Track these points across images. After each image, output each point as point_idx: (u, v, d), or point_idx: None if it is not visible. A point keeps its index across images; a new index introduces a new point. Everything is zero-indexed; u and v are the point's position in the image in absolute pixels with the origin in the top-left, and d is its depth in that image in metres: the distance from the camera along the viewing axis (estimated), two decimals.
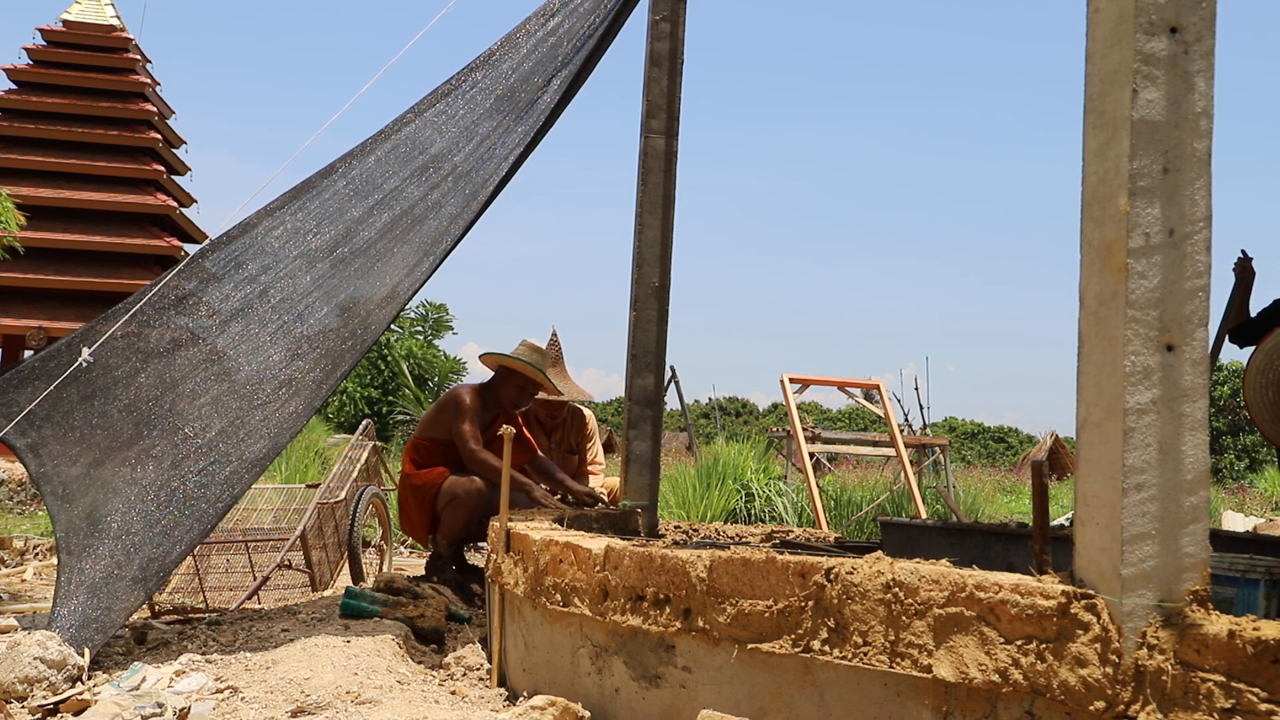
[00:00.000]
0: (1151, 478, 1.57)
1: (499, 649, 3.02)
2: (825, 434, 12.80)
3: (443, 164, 4.11)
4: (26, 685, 2.82)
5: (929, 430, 14.35)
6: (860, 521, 8.89)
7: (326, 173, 3.95)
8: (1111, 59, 1.66)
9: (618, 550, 2.42)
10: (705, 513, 8.86)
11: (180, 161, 22.43)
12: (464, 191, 4.11)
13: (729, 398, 46.37)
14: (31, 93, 21.02)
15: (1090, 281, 1.68)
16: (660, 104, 4.36)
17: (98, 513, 3.44)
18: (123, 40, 21.53)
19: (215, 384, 3.62)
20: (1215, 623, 1.50)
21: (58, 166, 20.41)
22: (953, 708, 1.78)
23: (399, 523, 5.05)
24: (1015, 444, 40.59)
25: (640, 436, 4.27)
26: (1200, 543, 1.57)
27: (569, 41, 4.32)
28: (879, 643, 1.87)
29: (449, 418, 4.59)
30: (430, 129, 4.19)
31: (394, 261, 4.08)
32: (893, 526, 4.39)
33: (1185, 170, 1.61)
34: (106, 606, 3.27)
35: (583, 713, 2.42)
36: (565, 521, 3.45)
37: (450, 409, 4.59)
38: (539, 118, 4.27)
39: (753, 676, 2.08)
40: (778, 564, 2.05)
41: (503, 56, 4.34)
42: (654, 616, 2.28)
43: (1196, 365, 1.60)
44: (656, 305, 4.33)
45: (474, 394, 4.63)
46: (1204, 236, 1.61)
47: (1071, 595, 1.63)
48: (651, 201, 4.33)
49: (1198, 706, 1.49)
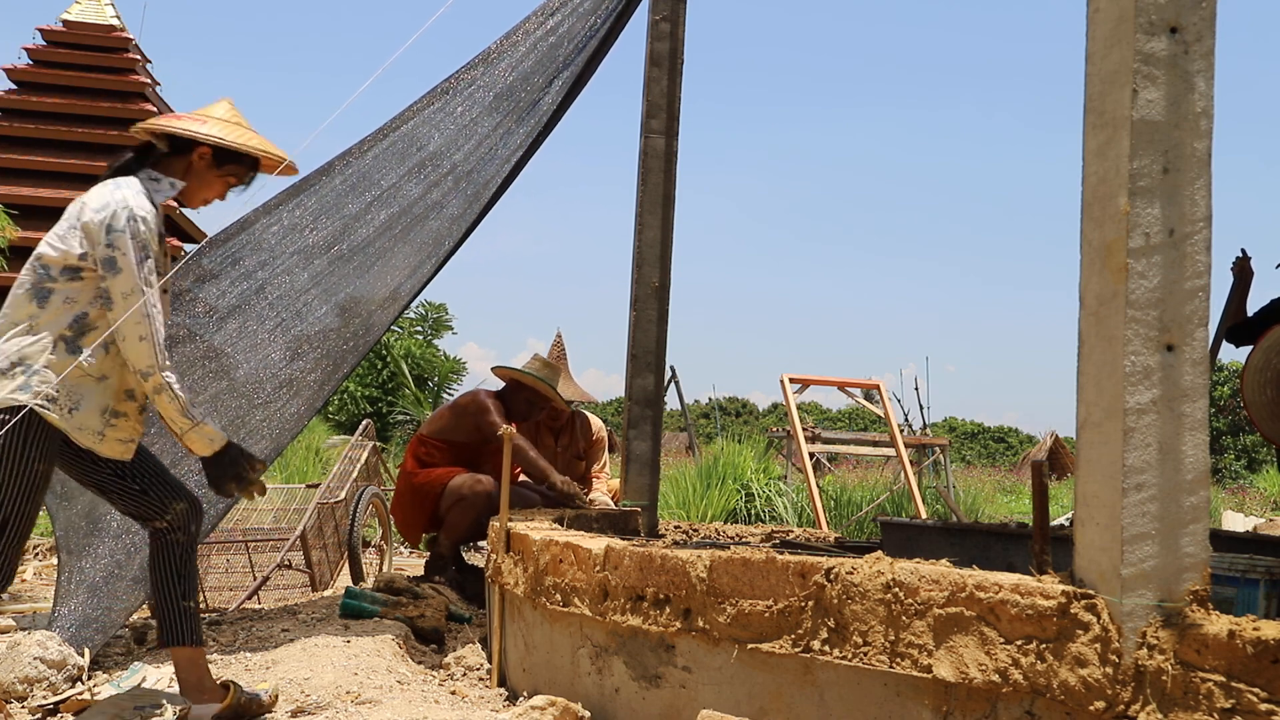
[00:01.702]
0: (1151, 478, 1.57)
1: (499, 649, 3.02)
2: (825, 434, 12.80)
3: (441, 162, 4.11)
4: (26, 685, 2.83)
5: (929, 430, 14.35)
6: (860, 521, 8.89)
7: (324, 170, 3.94)
8: (1111, 59, 1.66)
9: (618, 550, 2.42)
10: (705, 513, 8.86)
11: None
12: (465, 192, 4.11)
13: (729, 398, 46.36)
14: (31, 93, 21.02)
15: (1090, 281, 1.68)
16: (660, 104, 4.36)
17: (97, 511, 3.43)
18: (122, 40, 21.53)
19: (214, 381, 3.61)
20: (1215, 623, 1.50)
21: (58, 166, 20.41)
22: (953, 708, 1.78)
23: (393, 520, 5.06)
24: (1015, 444, 40.58)
25: (640, 436, 4.27)
26: (1200, 543, 1.57)
27: (569, 41, 4.31)
28: (879, 643, 1.87)
29: (472, 420, 4.61)
30: (428, 126, 4.19)
31: (395, 261, 4.07)
32: (893, 526, 4.39)
33: (1185, 170, 1.61)
34: (106, 606, 3.27)
35: (583, 713, 2.42)
36: (565, 521, 3.45)
37: (474, 411, 4.61)
38: (541, 119, 4.27)
39: (753, 676, 2.09)
40: (778, 564, 2.05)
41: (501, 55, 4.33)
42: (654, 616, 2.29)
43: (1196, 365, 1.60)
44: (656, 305, 4.33)
45: (494, 398, 4.68)
46: (1204, 236, 1.61)
47: (1071, 595, 1.63)
48: (651, 201, 4.33)
49: (1198, 706, 1.49)
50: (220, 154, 2.77)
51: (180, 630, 2.64)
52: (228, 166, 2.79)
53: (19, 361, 2.46)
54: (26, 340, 2.49)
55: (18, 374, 2.44)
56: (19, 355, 2.47)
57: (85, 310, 2.53)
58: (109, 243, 2.51)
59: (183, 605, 2.66)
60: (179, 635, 2.64)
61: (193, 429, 2.56)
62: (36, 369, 2.46)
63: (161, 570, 2.68)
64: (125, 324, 2.47)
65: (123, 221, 2.53)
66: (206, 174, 2.78)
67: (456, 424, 4.68)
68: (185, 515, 2.72)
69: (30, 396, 2.42)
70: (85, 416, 2.50)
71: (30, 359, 2.46)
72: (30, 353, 2.47)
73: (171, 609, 2.65)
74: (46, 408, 2.43)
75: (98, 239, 2.52)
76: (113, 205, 2.55)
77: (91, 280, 2.54)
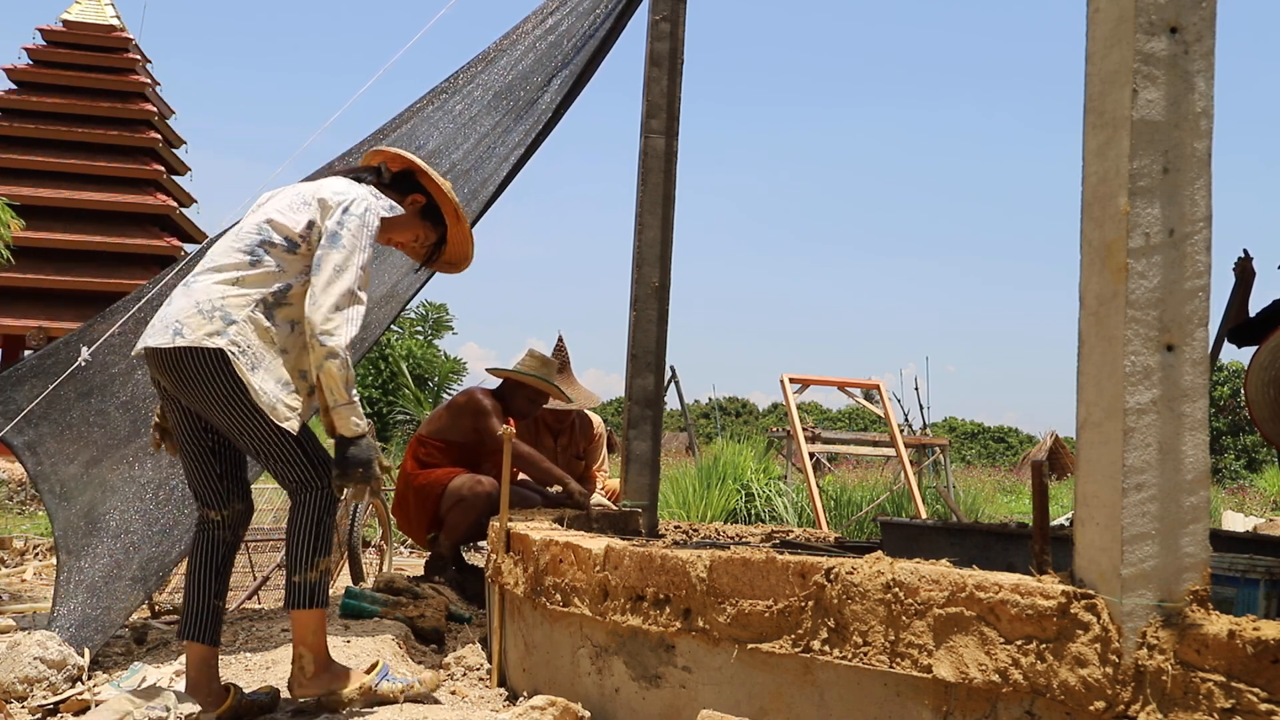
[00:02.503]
0: (1151, 478, 1.57)
1: (499, 649, 3.02)
2: (825, 434, 12.80)
3: (440, 160, 4.11)
4: (26, 685, 2.83)
5: (929, 430, 14.35)
6: (860, 521, 8.89)
7: (323, 171, 3.95)
8: (1111, 59, 1.66)
9: (618, 550, 2.42)
10: (705, 513, 8.86)
11: (180, 161, 22.43)
12: (463, 190, 4.10)
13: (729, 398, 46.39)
14: (32, 93, 21.03)
15: (1090, 281, 1.68)
16: (660, 104, 4.36)
17: (96, 511, 3.43)
18: (123, 40, 21.53)
19: None
20: (1215, 623, 1.50)
21: (58, 166, 20.41)
22: (953, 708, 1.78)
23: (396, 521, 5.04)
24: (1015, 444, 40.58)
25: (640, 436, 4.27)
26: (1200, 543, 1.57)
27: (569, 40, 4.31)
28: (879, 643, 1.87)
29: (469, 421, 4.56)
30: (427, 125, 4.19)
31: (393, 259, 4.08)
32: (893, 526, 4.39)
33: (1185, 170, 1.61)
34: (106, 606, 3.27)
35: (583, 713, 2.42)
36: (565, 521, 3.45)
37: (471, 412, 4.56)
38: (541, 118, 4.27)
39: (753, 676, 2.08)
40: (778, 564, 2.05)
41: (500, 54, 4.33)
42: (654, 616, 2.29)
43: (1196, 365, 1.60)
44: (656, 305, 4.33)
45: (491, 397, 4.63)
46: (1204, 236, 1.61)
47: (1071, 595, 1.63)
48: (651, 201, 4.33)
49: (1198, 706, 1.49)
50: (430, 210, 2.92)
51: (203, 627, 2.66)
52: (428, 224, 2.93)
53: (220, 309, 2.55)
54: (232, 291, 2.58)
55: (216, 319, 2.54)
56: (222, 303, 2.56)
57: (290, 283, 2.63)
58: (340, 220, 2.63)
59: (214, 604, 2.69)
60: (201, 632, 2.66)
61: (347, 405, 2.59)
62: (236, 320, 2.55)
63: (202, 564, 2.72)
64: (328, 291, 2.55)
65: (360, 209, 2.65)
66: (410, 219, 2.91)
67: (454, 424, 4.65)
68: (239, 517, 2.78)
69: (226, 343, 2.51)
70: (261, 379, 2.56)
71: (232, 311, 2.55)
72: (233, 305, 2.56)
73: (201, 605, 2.67)
74: (237, 357, 2.52)
75: (330, 213, 2.63)
76: (354, 194, 2.68)
77: (305, 258, 2.64)
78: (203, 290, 2.58)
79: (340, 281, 2.56)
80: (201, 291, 2.58)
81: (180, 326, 2.54)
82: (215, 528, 2.74)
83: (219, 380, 2.52)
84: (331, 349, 2.52)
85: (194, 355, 2.51)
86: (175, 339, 2.53)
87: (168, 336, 2.54)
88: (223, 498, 2.74)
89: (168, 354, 2.54)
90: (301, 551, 2.63)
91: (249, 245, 2.63)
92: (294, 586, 2.62)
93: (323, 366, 2.54)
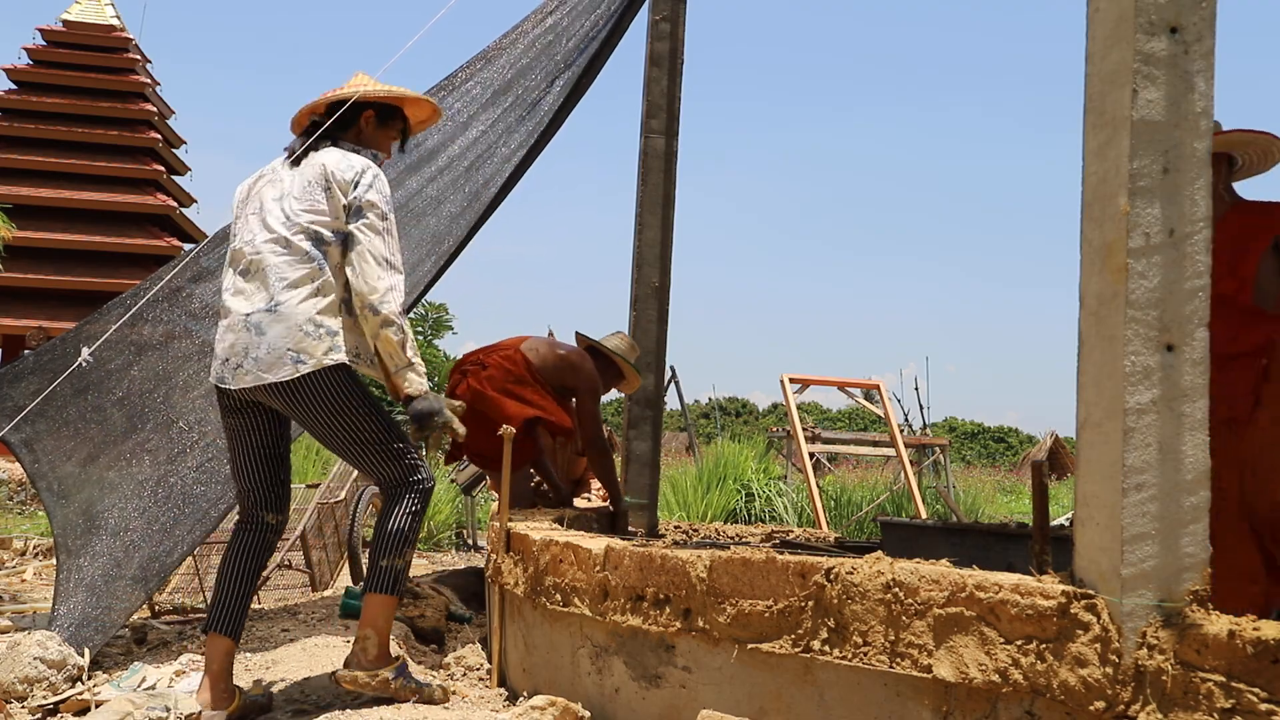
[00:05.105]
0: (1151, 478, 1.57)
1: (499, 649, 3.02)
2: (825, 434, 12.81)
3: (438, 157, 4.11)
4: (26, 685, 2.83)
5: (929, 430, 14.35)
6: (860, 521, 8.90)
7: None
8: (1111, 59, 1.66)
9: (618, 550, 2.42)
10: (705, 513, 8.87)
11: (180, 161, 22.44)
12: (464, 190, 4.11)
13: (729, 398, 46.33)
14: (31, 93, 21.02)
15: (1090, 281, 1.68)
16: (660, 104, 4.36)
17: (94, 509, 3.43)
18: (122, 40, 21.52)
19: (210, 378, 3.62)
20: (1215, 623, 1.50)
21: (58, 166, 20.41)
22: (953, 708, 1.78)
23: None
24: (1015, 444, 40.56)
25: (640, 436, 4.27)
26: (1200, 543, 1.57)
27: (567, 38, 4.31)
28: (879, 643, 1.87)
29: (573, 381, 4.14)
30: None
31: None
32: (893, 526, 4.39)
33: (1185, 170, 1.61)
34: (106, 606, 3.27)
35: (583, 713, 2.42)
36: (565, 521, 3.45)
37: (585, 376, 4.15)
38: (543, 119, 4.27)
39: (753, 676, 2.08)
40: (778, 564, 2.05)
41: (499, 53, 4.34)
42: (654, 616, 2.28)
43: (1196, 365, 1.60)
44: (656, 305, 4.33)
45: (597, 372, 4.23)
46: (1204, 236, 1.61)
47: (1071, 595, 1.63)
48: (651, 201, 4.33)
49: (1198, 707, 1.49)
50: (383, 112, 2.95)
51: (231, 621, 2.70)
52: (390, 123, 2.98)
53: (321, 325, 2.64)
54: (322, 304, 2.65)
55: (324, 336, 2.63)
56: (320, 318, 2.64)
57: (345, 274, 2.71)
58: (359, 194, 2.69)
59: (246, 601, 2.76)
60: (228, 625, 2.70)
61: (409, 367, 2.68)
62: (338, 331, 2.66)
63: (246, 562, 2.77)
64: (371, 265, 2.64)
65: (370, 177, 2.73)
66: (375, 136, 2.95)
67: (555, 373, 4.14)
68: (283, 526, 2.89)
69: (344, 355, 2.64)
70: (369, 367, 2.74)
71: (328, 322, 2.65)
72: (327, 316, 2.65)
73: (234, 599, 2.72)
74: (357, 363, 2.69)
75: (348, 190, 2.69)
76: (358, 165, 2.74)
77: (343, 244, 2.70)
78: (296, 312, 2.62)
79: (379, 253, 2.65)
80: (297, 314, 2.62)
81: (298, 354, 2.59)
82: (268, 530, 2.81)
83: (343, 392, 2.63)
84: (386, 316, 2.62)
85: (320, 377, 2.60)
86: (299, 368, 2.58)
87: (289, 368, 2.59)
88: (281, 503, 2.83)
89: (292, 384, 2.59)
90: (393, 541, 2.68)
91: (307, 252, 2.66)
92: (380, 570, 2.68)
93: (379, 335, 2.64)
